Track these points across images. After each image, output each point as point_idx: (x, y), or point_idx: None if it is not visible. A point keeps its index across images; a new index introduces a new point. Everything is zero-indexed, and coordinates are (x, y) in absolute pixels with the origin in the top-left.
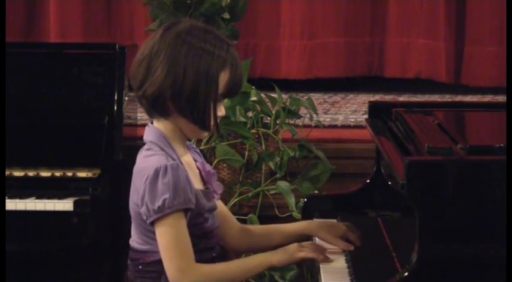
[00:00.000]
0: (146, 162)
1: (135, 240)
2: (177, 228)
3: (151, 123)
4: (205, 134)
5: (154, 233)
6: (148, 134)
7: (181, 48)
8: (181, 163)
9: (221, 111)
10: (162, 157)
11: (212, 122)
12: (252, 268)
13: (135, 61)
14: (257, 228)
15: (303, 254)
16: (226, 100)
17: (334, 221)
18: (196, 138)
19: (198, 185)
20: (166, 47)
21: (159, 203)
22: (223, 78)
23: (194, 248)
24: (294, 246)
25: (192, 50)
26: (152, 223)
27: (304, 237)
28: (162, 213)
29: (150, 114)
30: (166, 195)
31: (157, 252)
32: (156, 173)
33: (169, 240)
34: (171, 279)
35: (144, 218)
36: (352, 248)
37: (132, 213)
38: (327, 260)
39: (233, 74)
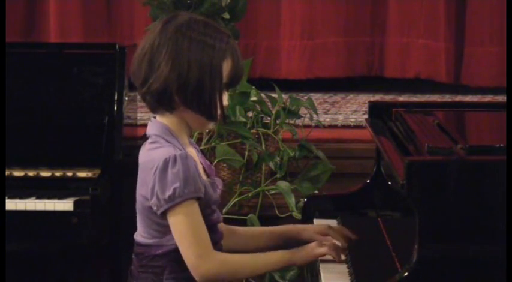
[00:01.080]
0: (153, 154)
1: (140, 234)
2: (191, 216)
3: (154, 118)
4: (211, 125)
5: (162, 225)
6: (152, 128)
7: (183, 42)
8: None
9: (225, 101)
10: (170, 148)
11: (219, 112)
12: (272, 264)
13: (135, 57)
14: (242, 229)
15: (323, 250)
16: (227, 97)
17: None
18: (202, 129)
19: (203, 176)
20: (167, 41)
21: (169, 192)
22: (226, 68)
23: None
24: (313, 243)
25: (194, 44)
26: (163, 213)
27: (289, 240)
28: (173, 203)
29: (155, 110)
30: (177, 184)
31: (163, 245)
32: (166, 164)
33: (184, 229)
34: (190, 267)
35: (155, 209)
36: (339, 243)
37: (139, 206)
38: (342, 261)
39: (235, 63)
